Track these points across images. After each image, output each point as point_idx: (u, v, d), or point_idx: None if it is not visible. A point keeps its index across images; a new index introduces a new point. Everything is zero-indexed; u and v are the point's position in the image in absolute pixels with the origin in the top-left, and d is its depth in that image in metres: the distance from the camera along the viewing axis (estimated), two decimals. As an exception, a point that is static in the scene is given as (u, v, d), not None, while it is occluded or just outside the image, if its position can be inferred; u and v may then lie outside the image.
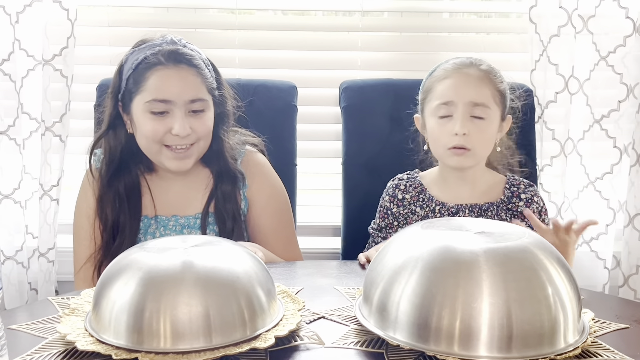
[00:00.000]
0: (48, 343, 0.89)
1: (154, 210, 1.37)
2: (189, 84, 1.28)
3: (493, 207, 1.37)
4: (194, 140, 1.30)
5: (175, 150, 1.30)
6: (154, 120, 1.27)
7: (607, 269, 1.77)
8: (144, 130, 1.29)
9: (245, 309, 0.87)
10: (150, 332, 0.83)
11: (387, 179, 1.47)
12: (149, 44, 1.30)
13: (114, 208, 1.34)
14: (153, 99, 1.27)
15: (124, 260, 0.91)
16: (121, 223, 1.34)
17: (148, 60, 1.27)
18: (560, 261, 0.88)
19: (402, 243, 0.94)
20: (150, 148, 1.31)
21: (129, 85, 1.29)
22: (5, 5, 1.59)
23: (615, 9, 1.66)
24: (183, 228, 1.36)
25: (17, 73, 1.63)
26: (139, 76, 1.28)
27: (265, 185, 1.42)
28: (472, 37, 1.90)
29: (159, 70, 1.27)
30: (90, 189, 1.37)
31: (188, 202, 1.38)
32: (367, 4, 1.82)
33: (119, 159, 1.34)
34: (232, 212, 1.36)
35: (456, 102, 1.31)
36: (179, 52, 1.29)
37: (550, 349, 0.82)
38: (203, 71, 1.31)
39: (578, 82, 1.71)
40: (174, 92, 1.27)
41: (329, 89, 1.79)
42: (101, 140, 1.36)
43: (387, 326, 0.87)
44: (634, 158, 1.72)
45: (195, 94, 1.29)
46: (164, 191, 1.38)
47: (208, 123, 1.32)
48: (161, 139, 1.29)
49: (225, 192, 1.36)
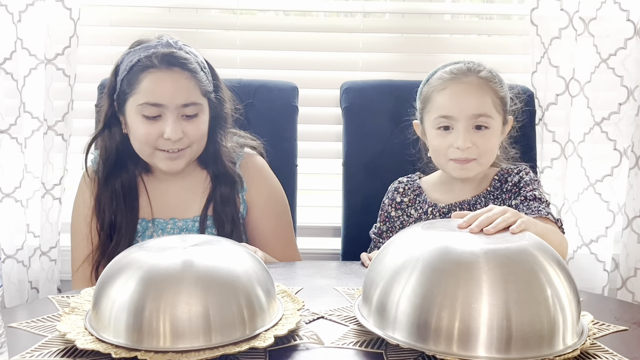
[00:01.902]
0: (48, 341, 0.90)
1: (152, 213, 1.37)
2: (181, 88, 1.27)
3: (480, 199, 1.35)
4: (187, 145, 1.30)
5: (167, 151, 1.30)
6: (146, 123, 1.28)
7: (606, 271, 1.77)
8: (136, 134, 1.29)
9: (245, 309, 0.87)
10: (150, 331, 0.83)
11: (388, 180, 1.47)
12: (144, 46, 1.30)
13: (111, 207, 1.35)
14: (145, 102, 1.27)
15: (124, 260, 0.91)
16: (118, 223, 1.34)
17: (142, 62, 1.27)
18: (559, 263, 0.88)
19: (402, 243, 0.94)
20: (143, 150, 1.31)
21: (123, 87, 1.29)
22: (8, 4, 1.60)
23: (616, 12, 1.66)
24: (181, 231, 1.36)
25: (19, 72, 1.63)
26: (133, 78, 1.28)
27: (263, 188, 1.42)
28: (473, 39, 1.90)
29: (152, 73, 1.27)
30: (88, 189, 1.38)
31: (186, 204, 1.38)
32: (368, 6, 1.82)
33: (115, 158, 1.35)
34: (230, 215, 1.36)
35: (457, 116, 1.28)
36: (173, 55, 1.28)
37: (549, 350, 0.83)
38: (197, 74, 1.30)
39: (579, 85, 1.71)
40: (166, 95, 1.26)
41: (330, 89, 1.79)
42: (97, 140, 1.36)
43: (386, 326, 0.87)
44: (634, 160, 1.72)
45: (188, 98, 1.28)
46: (162, 193, 1.38)
47: (201, 127, 1.31)
48: (154, 142, 1.29)
49: (224, 195, 1.36)
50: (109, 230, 1.35)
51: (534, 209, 1.29)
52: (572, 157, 1.75)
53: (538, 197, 1.32)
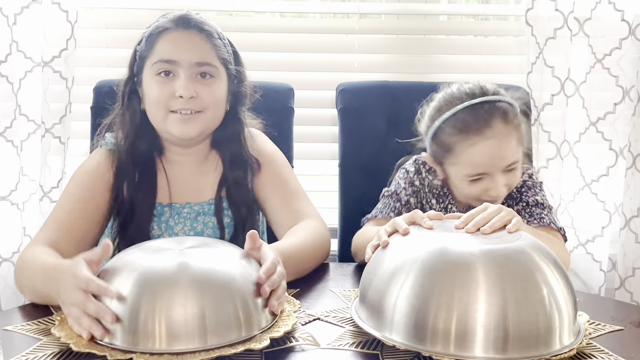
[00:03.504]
0: (43, 344, 0.90)
1: (170, 197, 1.31)
2: (195, 47, 1.25)
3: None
4: (200, 108, 1.25)
5: (180, 113, 1.25)
6: (159, 83, 1.25)
7: (603, 271, 1.77)
8: (149, 95, 1.26)
9: (241, 310, 0.87)
10: (145, 333, 0.83)
11: (384, 181, 1.46)
12: (165, 15, 1.30)
13: (130, 186, 1.28)
14: (159, 60, 1.25)
15: (119, 261, 0.91)
16: (135, 205, 1.27)
17: (159, 27, 1.27)
18: (556, 263, 0.88)
19: (398, 245, 0.94)
20: (157, 114, 1.26)
21: (141, 54, 1.28)
22: (3, 7, 1.59)
23: (611, 12, 1.67)
24: (197, 215, 1.31)
25: (15, 75, 1.63)
26: (150, 42, 1.27)
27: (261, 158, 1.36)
28: (468, 40, 1.91)
29: (167, 33, 1.26)
30: (105, 164, 1.29)
31: (200, 188, 1.33)
32: (364, 7, 1.82)
33: (134, 134, 1.29)
34: (245, 198, 1.32)
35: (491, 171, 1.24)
36: (189, 17, 1.28)
37: (545, 350, 0.83)
38: (215, 39, 1.28)
39: (574, 85, 1.71)
40: (180, 53, 1.24)
41: (325, 91, 1.79)
42: (115, 121, 1.32)
43: (383, 327, 0.87)
44: (630, 160, 1.72)
45: (203, 57, 1.25)
46: (177, 177, 1.33)
47: (217, 92, 1.27)
48: (166, 103, 1.24)
49: (238, 179, 1.32)
50: (127, 211, 1.27)
51: (536, 215, 1.28)
52: (567, 157, 1.75)
53: (540, 202, 1.31)
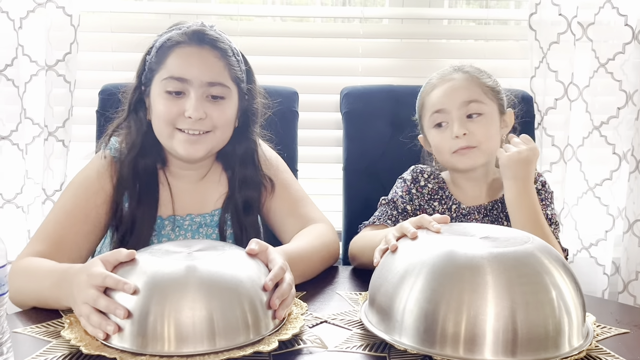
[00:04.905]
0: (53, 346, 0.90)
1: (173, 210, 1.28)
2: (208, 65, 1.21)
3: (497, 204, 1.34)
4: (209, 128, 1.21)
5: (187, 133, 1.21)
6: (168, 100, 1.21)
7: (607, 275, 1.78)
8: (157, 110, 1.21)
9: (249, 313, 0.87)
10: (154, 336, 0.83)
11: (388, 185, 1.46)
12: (179, 26, 1.26)
13: (132, 197, 1.24)
14: (169, 77, 1.20)
15: (127, 265, 0.91)
16: (135, 217, 1.23)
17: (172, 39, 1.22)
18: (564, 266, 0.89)
19: (407, 248, 0.95)
20: (163, 131, 1.22)
21: (151, 65, 1.24)
22: (9, 11, 1.60)
23: (614, 17, 1.68)
24: (199, 227, 1.28)
25: (20, 78, 1.64)
26: (161, 55, 1.22)
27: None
28: (471, 44, 1.91)
29: (180, 48, 1.21)
30: (107, 173, 1.24)
31: (203, 201, 1.30)
32: (367, 11, 1.83)
33: (139, 143, 1.25)
34: (253, 221, 1.29)
35: (449, 108, 1.31)
36: (204, 32, 1.23)
37: (555, 352, 0.83)
38: (229, 57, 1.23)
39: (577, 89, 1.72)
40: (192, 71, 1.19)
41: (330, 95, 1.80)
42: (121, 126, 1.28)
43: (392, 330, 0.88)
44: (633, 164, 1.73)
45: (215, 77, 1.21)
46: (179, 190, 1.30)
47: (227, 113, 1.23)
48: (174, 120, 1.20)
49: (250, 200, 1.28)
50: (127, 223, 1.24)
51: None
52: (571, 161, 1.75)
53: (549, 217, 1.31)
